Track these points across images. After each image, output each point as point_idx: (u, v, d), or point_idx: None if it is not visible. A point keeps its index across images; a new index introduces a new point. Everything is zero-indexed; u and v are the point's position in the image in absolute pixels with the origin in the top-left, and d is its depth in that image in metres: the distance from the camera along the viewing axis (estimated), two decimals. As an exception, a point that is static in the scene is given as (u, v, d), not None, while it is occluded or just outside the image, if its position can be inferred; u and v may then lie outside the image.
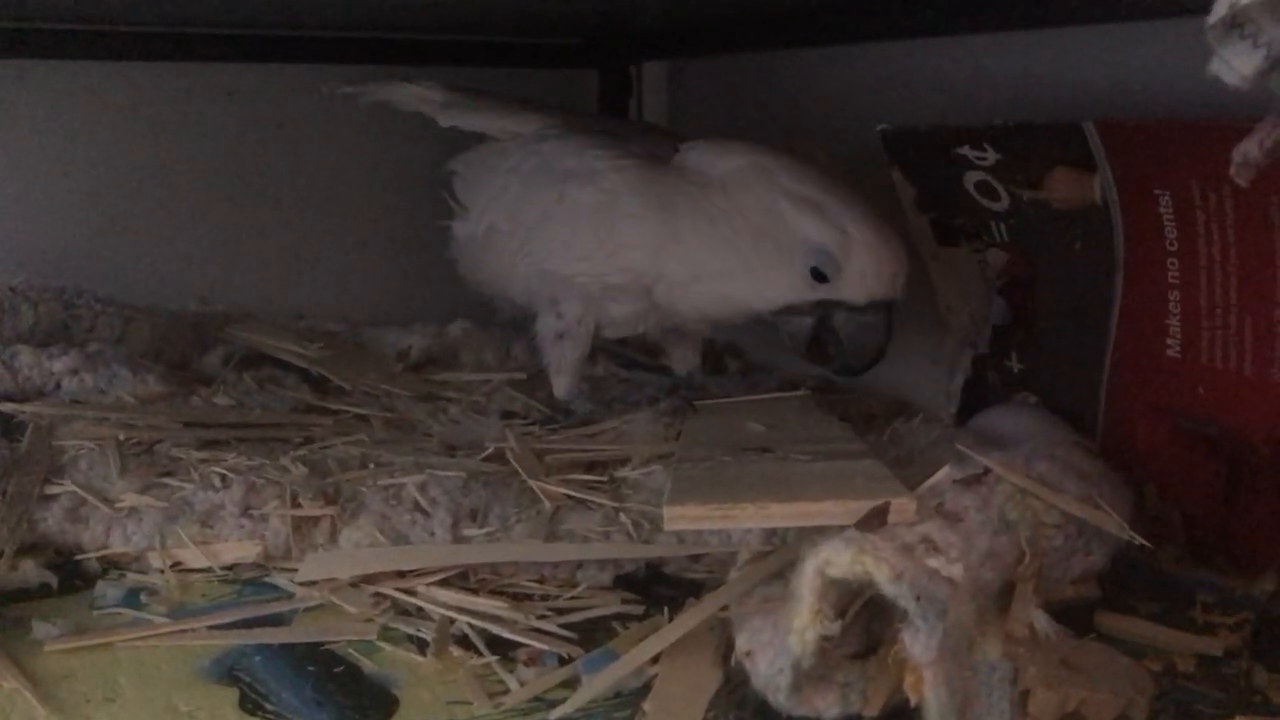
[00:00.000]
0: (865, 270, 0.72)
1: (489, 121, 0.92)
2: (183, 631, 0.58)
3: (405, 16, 1.03)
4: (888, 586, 0.47)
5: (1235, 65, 0.40)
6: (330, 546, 0.65)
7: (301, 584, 0.62)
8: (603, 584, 0.64)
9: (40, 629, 0.57)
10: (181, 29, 1.07)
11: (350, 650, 0.56)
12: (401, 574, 0.62)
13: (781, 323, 0.77)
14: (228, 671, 0.54)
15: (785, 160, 0.76)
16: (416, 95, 0.95)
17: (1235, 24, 0.40)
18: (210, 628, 0.58)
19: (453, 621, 0.59)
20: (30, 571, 0.62)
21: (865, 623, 0.50)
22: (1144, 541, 0.58)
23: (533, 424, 0.84)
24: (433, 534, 0.65)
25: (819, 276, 0.73)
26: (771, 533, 0.61)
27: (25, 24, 1.02)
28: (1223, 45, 0.40)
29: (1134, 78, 0.73)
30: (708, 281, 0.78)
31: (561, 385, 0.85)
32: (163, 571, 0.64)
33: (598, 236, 0.80)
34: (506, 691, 0.53)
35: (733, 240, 0.76)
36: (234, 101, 1.11)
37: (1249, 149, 0.44)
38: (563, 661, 0.55)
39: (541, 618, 0.59)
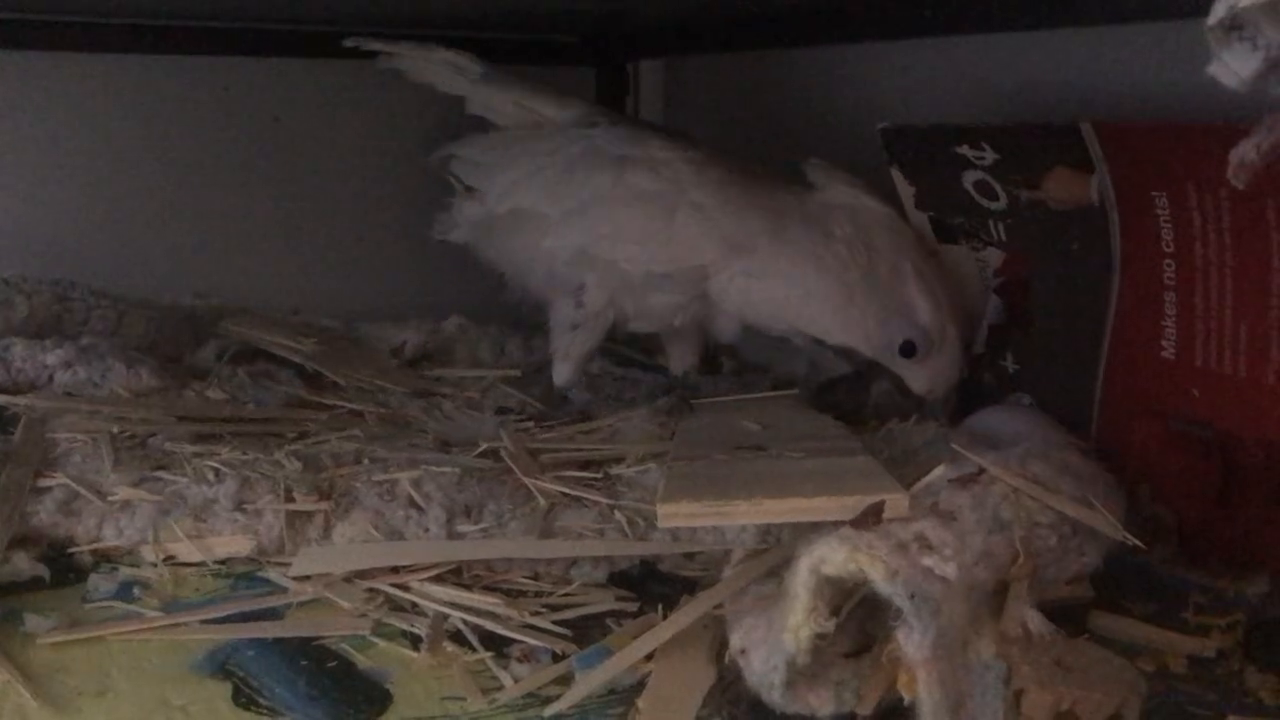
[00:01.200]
0: (939, 373, 0.77)
1: (529, 100, 0.90)
2: (175, 625, 0.58)
3: (402, 12, 1.03)
4: (882, 585, 0.47)
5: (1234, 67, 0.40)
6: (324, 542, 0.65)
7: (295, 579, 0.62)
8: (597, 581, 0.63)
9: (32, 622, 0.57)
10: (178, 22, 1.06)
11: (343, 645, 0.56)
12: (395, 570, 0.62)
13: (817, 351, 0.80)
14: (221, 666, 0.54)
15: (916, 235, 0.79)
16: (451, 62, 0.93)
17: (1234, 26, 0.40)
18: (203, 622, 0.58)
19: (446, 617, 0.59)
20: (23, 564, 0.62)
21: (859, 621, 0.50)
22: (1137, 542, 0.58)
23: (527, 420, 0.84)
24: (427, 530, 0.65)
25: (907, 352, 0.76)
26: (766, 531, 0.61)
27: (20, 16, 1.02)
28: (1222, 47, 0.40)
29: (1132, 79, 0.73)
30: (782, 285, 0.78)
31: (563, 373, 0.85)
32: (156, 565, 0.64)
33: (654, 223, 0.79)
34: (500, 688, 0.53)
35: (841, 267, 0.77)
36: (230, 95, 1.11)
37: (1246, 151, 0.44)
38: (557, 658, 0.55)
39: (535, 614, 0.59)
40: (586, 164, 0.83)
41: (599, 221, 0.81)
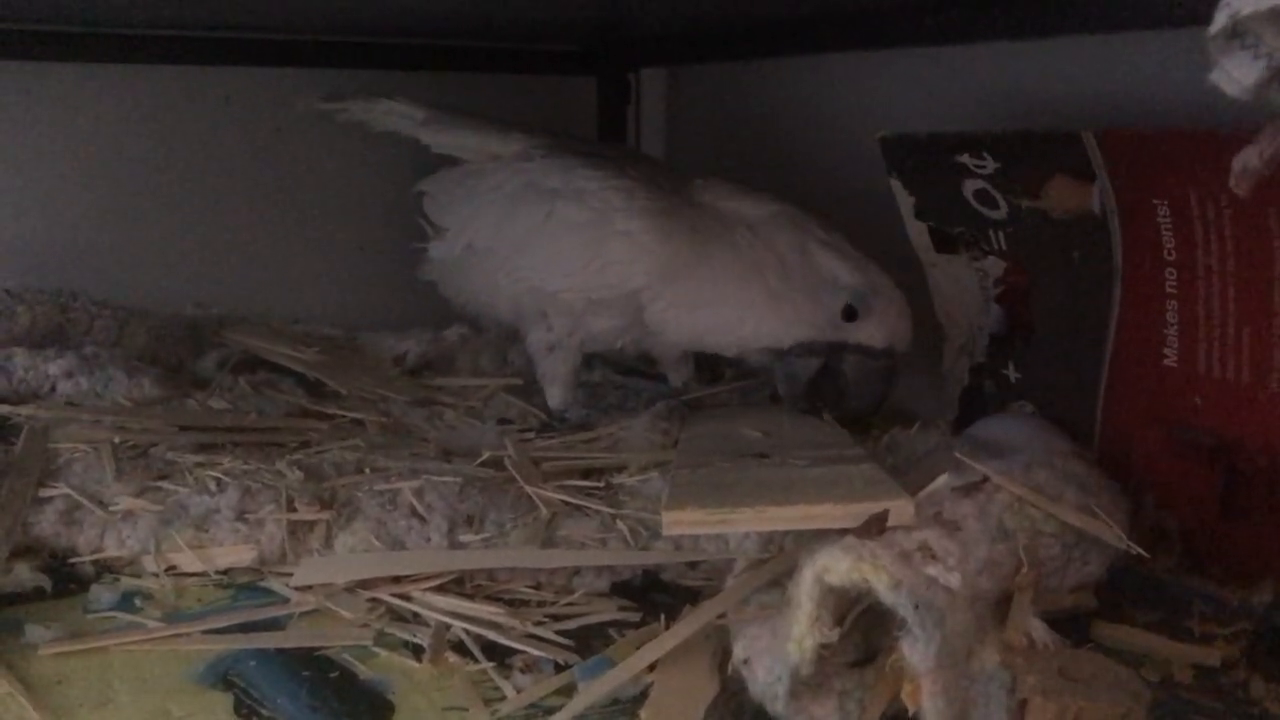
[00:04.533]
0: (888, 317, 0.77)
1: (470, 140, 0.93)
2: (177, 636, 0.58)
3: (404, 22, 1.03)
4: (886, 595, 0.47)
5: (1236, 76, 0.40)
6: (326, 551, 0.65)
7: (297, 589, 0.62)
8: (599, 591, 0.63)
9: (34, 633, 0.57)
10: (179, 32, 1.07)
11: (345, 655, 0.56)
12: (397, 579, 0.62)
13: (786, 363, 0.80)
14: (222, 676, 0.54)
15: (812, 213, 0.81)
16: (397, 112, 0.96)
17: (1236, 34, 0.40)
18: (205, 632, 0.58)
19: (448, 627, 0.58)
20: (24, 575, 0.62)
21: (863, 631, 0.50)
22: (1141, 551, 0.58)
23: (529, 430, 0.84)
24: (429, 539, 0.65)
25: (850, 315, 0.77)
26: (769, 540, 0.61)
27: (23, 26, 1.02)
28: (1223, 55, 0.40)
29: (1133, 87, 0.73)
30: (717, 310, 0.80)
31: (555, 396, 0.86)
32: (157, 575, 0.64)
33: (586, 253, 0.81)
34: (502, 698, 0.53)
35: (760, 274, 0.79)
36: (231, 105, 1.11)
37: (1248, 159, 0.44)
38: (559, 668, 0.55)
39: (538, 624, 0.59)
40: (522, 199, 0.86)
41: (539, 255, 0.84)
